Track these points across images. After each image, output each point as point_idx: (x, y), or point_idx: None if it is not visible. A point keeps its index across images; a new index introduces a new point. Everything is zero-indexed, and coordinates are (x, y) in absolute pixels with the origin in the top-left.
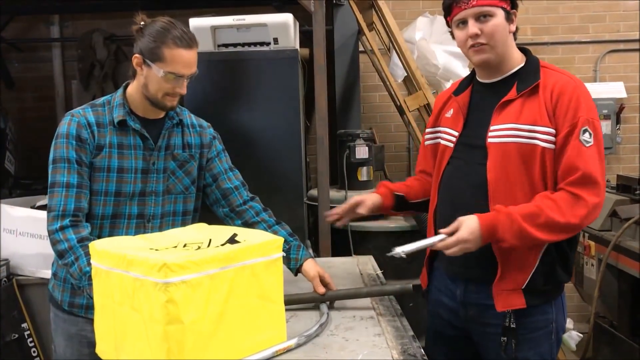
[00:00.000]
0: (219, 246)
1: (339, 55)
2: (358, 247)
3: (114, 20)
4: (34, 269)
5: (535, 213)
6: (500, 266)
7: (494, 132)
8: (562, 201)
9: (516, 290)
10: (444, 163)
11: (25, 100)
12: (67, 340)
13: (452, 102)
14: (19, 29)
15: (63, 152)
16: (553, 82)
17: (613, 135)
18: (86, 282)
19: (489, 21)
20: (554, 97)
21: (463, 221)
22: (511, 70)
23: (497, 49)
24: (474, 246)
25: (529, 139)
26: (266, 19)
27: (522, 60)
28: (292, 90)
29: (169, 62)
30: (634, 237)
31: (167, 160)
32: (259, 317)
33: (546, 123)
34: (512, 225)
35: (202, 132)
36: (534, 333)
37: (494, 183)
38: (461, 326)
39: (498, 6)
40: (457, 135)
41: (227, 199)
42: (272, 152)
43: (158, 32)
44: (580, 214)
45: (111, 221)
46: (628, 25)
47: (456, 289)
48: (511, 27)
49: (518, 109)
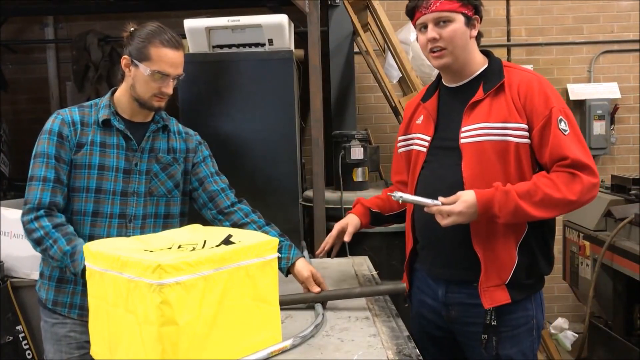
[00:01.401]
0: (214, 247)
1: (334, 56)
2: (353, 248)
3: (108, 22)
4: (29, 271)
5: (533, 190)
6: (483, 264)
7: (466, 132)
8: (559, 178)
9: (500, 286)
10: (418, 168)
11: (20, 102)
12: (56, 344)
13: (421, 108)
14: (13, 30)
15: (44, 147)
16: (518, 79)
17: (607, 136)
18: (68, 260)
19: (447, 26)
20: (521, 93)
21: (461, 195)
22: (475, 73)
23: (456, 53)
24: (467, 220)
25: (501, 137)
26: (261, 20)
27: (485, 62)
28: (287, 92)
29: (156, 61)
30: (629, 237)
31: (151, 163)
32: (254, 318)
33: (517, 119)
34: (507, 201)
35: (188, 139)
36: (515, 330)
37: (469, 181)
38: (445, 327)
39: (458, 12)
40: (429, 139)
41: (214, 201)
42: (267, 153)
43: (146, 33)
44: (576, 190)
45: (92, 219)
46: (622, 26)
47: (437, 289)
48: (472, 32)
49: (487, 109)
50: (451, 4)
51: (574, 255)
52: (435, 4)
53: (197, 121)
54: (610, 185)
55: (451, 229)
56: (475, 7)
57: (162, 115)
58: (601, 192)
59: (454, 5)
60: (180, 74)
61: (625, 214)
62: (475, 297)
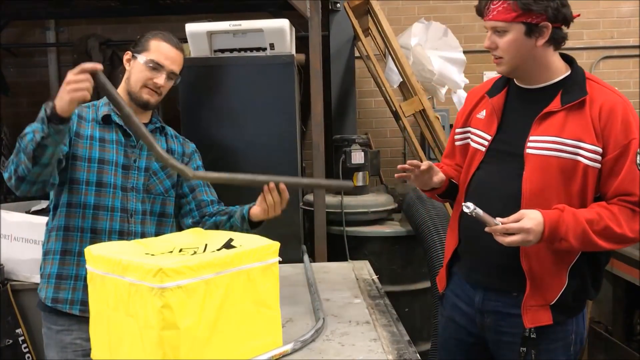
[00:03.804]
0: (215, 251)
1: (335, 61)
2: (354, 252)
3: (109, 26)
4: (29, 274)
5: (595, 219)
6: (530, 282)
7: (534, 142)
8: (620, 213)
9: (544, 306)
10: (473, 167)
11: (21, 106)
12: (62, 351)
13: (486, 102)
14: (14, 34)
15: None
16: (602, 98)
17: None
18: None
19: (504, 36)
20: (603, 115)
21: (526, 213)
22: (553, 80)
23: (514, 63)
24: (535, 239)
25: (571, 155)
26: (262, 24)
27: (566, 69)
28: (288, 96)
29: (153, 51)
30: None
31: (150, 160)
32: (254, 322)
33: (593, 141)
34: (576, 226)
35: (185, 143)
36: (552, 344)
37: (528, 195)
38: (477, 333)
39: (515, 22)
40: (489, 139)
41: (201, 210)
42: (267, 157)
43: (152, 33)
44: (636, 229)
45: (94, 212)
46: (622, 31)
47: (475, 295)
48: (538, 42)
49: (561, 122)
50: (507, 14)
51: None
52: (493, 12)
53: (197, 125)
54: None
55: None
56: (543, 13)
57: (158, 118)
58: None
59: (511, 15)
60: (176, 73)
61: None
62: (512, 307)
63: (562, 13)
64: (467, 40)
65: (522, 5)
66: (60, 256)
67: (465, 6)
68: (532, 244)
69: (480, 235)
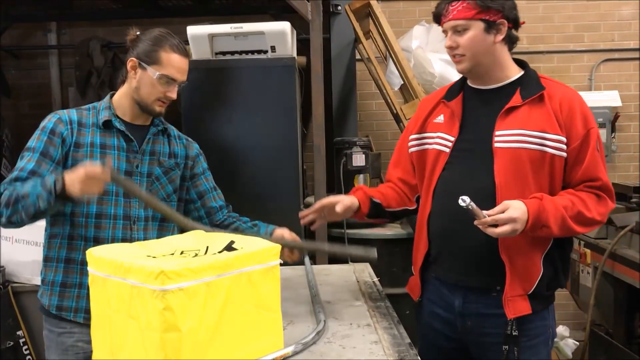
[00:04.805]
0: (216, 253)
1: (336, 64)
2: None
3: (111, 28)
4: (30, 276)
5: (569, 205)
6: (509, 273)
7: (500, 137)
8: (588, 198)
9: (523, 296)
10: (439, 168)
11: (22, 108)
12: (63, 353)
13: (442, 107)
14: (16, 36)
15: (32, 142)
16: (560, 93)
17: (608, 144)
18: (39, 187)
19: (465, 34)
20: (563, 107)
21: (510, 203)
22: (509, 79)
23: (476, 59)
24: (521, 228)
25: (538, 145)
26: (264, 27)
27: (519, 71)
28: (289, 98)
29: (165, 66)
30: (630, 245)
31: (152, 166)
32: (255, 324)
33: (557, 131)
34: (556, 212)
35: (188, 145)
36: (534, 340)
37: (502, 187)
38: (456, 338)
39: (475, 19)
40: (453, 140)
41: (211, 218)
42: (269, 160)
43: (156, 37)
44: (602, 212)
45: (96, 220)
46: (622, 34)
47: (454, 299)
48: (497, 37)
49: (525, 116)
50: (467, 12)
51: (574, 263)
52: (452, 12)
53: (199, 127)
54: None
55: (476, 235)
56: (500, 11)
57: (161, 119)
58: None
59: (470, 12)
60: (185, 81)
61: (626, 222)
62: (493, 307)
63: (514, 13)
64: None
65: (480, 3)
66: (64, 264)
67: None
68: (518, 233)
69: (456, 235)
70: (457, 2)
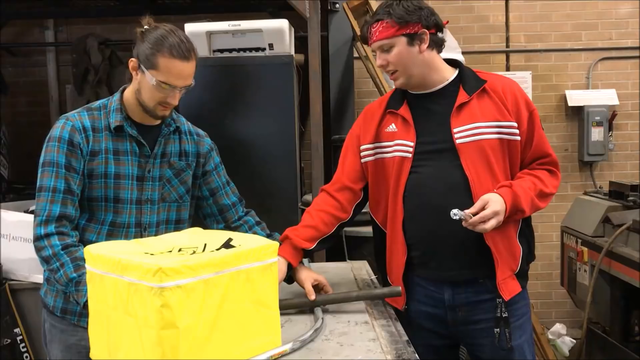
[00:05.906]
0: (214, 251)
1: (334, 61)
2: (352, 252)
3: (108, 25)
4: (27, 274)
5: (531, 185)
6: (498, 257)
7: (460, 132)
8: (544, 175)
9: (511, 276)
10: (404, 173)
11: (19, 105)
12: (65, 350)
13: (390, 117)
14: (13, 33)
15: (53, 155)
16: (500, 83)
17: (605, 142)
18: (73, 288)
19: (391, 52)
20: (507, 95)
21: (489, 197)
22: (447, 80)
23: (408, 72)
24: (503, 217)
25: (495, 134)
26: (261, 24)
27: (453, 70)
28: (287, 96)
29: (163, 72)
30: (627, 244)
31: (163, 168)
32: (253, 322)
33: (508, 118)
34: (525, 195)
35: (200, 141)
36: (521, 319)
37: (475, 180)
38: (448, 334)
39: (396, 36)
40: (413, 145)
41: (224, 215)
42: (266, 157)
43: (157, 39)
44: (556, 185)
45: (109, 228)
46: (620, 33)
47: (443, 294)
48: (422, 47)
49: (476, 109)
50: (388, 31)
51: (571, 261)
52: (375, 33)
53: (196, 125)
54: (608, 191)
55: (458, 230)
56: (418, 22)
57: (172, 117)
58: (599, 198)
59: (390, 31)
60: (189, 84)
61: (623, 220)
62: (481, 293)
63: (433, 19)
64: (466, 41)
65: (398, 21)
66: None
67: (464, 7)
68: (501, 223)
69: (439, 234)
70: (377, 24)
